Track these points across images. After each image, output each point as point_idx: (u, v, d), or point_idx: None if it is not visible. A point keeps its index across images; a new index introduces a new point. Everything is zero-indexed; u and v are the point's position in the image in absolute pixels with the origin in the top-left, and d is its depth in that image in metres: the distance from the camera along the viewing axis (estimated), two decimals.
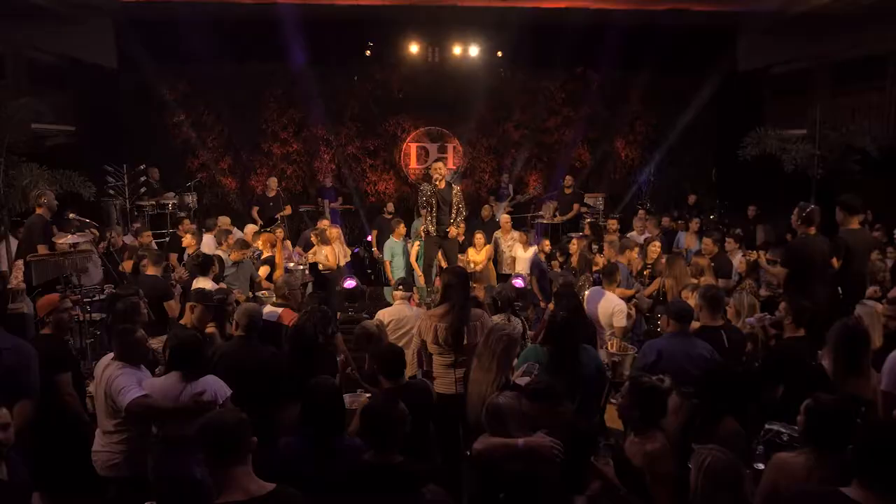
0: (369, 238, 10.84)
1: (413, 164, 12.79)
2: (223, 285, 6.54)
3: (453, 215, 7.77)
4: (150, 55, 10.99)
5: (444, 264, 8.19)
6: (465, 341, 4.40)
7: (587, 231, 9.20)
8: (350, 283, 6.82)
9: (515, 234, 9.65)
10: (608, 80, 12.44)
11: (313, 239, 8.44)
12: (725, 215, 10.71)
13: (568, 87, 12.55)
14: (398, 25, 11.73)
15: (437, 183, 7.63)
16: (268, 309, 5.18)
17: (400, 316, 5.61)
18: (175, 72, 11.94)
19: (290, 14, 10.69)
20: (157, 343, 5.77)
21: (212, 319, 4.90)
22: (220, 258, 6.69)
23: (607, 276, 6.13)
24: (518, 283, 6.92)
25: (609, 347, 5.47)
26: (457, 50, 11.90)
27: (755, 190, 10.39)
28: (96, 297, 5.88)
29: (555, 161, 12.71)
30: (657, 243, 7.65)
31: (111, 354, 3.99)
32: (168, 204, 10.17)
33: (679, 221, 10.15)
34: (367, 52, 12.01)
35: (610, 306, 5.80)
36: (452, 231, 7.81)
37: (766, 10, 10.78)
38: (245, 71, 12.01)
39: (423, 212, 7.73)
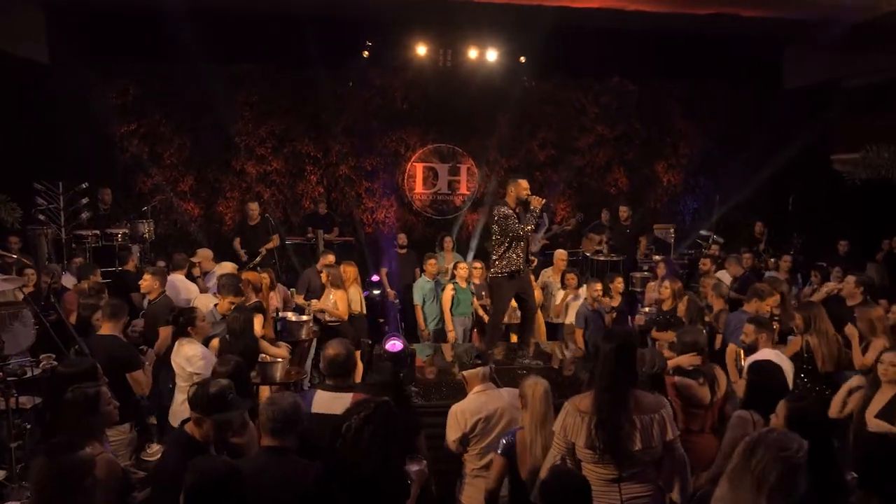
0: (375, 278, 9.24)
1: (419, 187, 11.41)
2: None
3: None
4: (91, 49, 9.60)
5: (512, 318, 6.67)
6: (638, 446, 3.07)
7: (661, 270, 7.85)
8: (395, 345, 5.17)
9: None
10: (647, 92, 11.50)
11: (324, 279, 6.86)
12: (801, 251, 9.53)
13: (602, 100, 11.47)
14: (403, 22, 10.42)
15: (514, 206, 6.08)
16: (324, 397, 3.49)
17: (489, 411, 3.95)
18: (123, 70, 10.44)
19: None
20: (117, 435, 4.18)
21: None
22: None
23: (766, 329, 4.88)
24: None
25: None
26: (472, 53, 10.67)
27: (833, 220, 9.33)
28: (28, 374, 4.05)
29: (587, 186, 11.56)
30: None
31: None
32: (117, 234, 8.33)
33: (756, 259, 8.90)
34: (365, 53, 10.63)
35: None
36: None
37: (829, 18, 10.01)
38: (213, 72, 10.33)
39: (500, 243, 6.10)
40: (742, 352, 5.71)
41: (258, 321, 5.64)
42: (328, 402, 3.60)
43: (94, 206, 8.52)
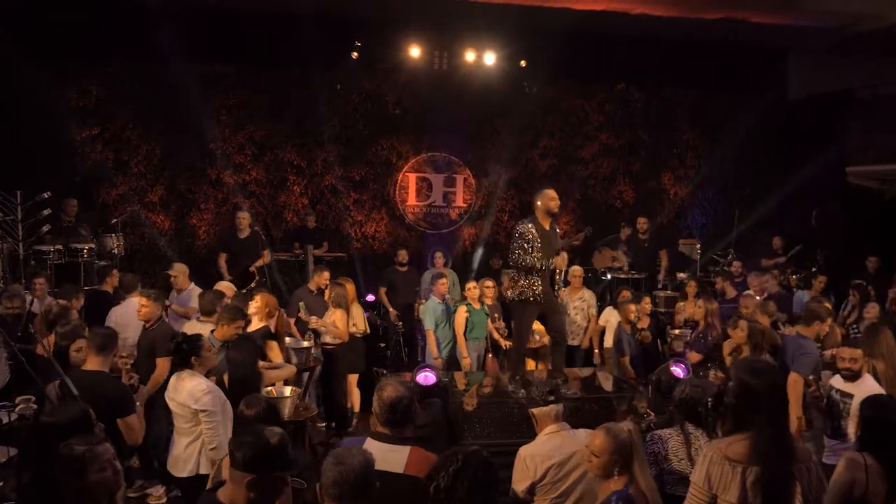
0: (370, 297, 8.70)
1: (412, 199, 10.97)
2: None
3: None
4: (49, 45, 9.00)
5: (542, 339, 6.20)
6: (800, 501, 2.74)
7: (692, 290, 7.50)
8: (428, 378, 4.63)
9: (587, 292, 7.88)
10: (655, 99, 11.31)
11: (327, 297, 6.60)
12: (823, 267, 9.30)
13: (607, 108, 11.20)
14: (395, 22, 10.03)
15: (543, 221, 5.65)
16: (375, 448, 2.90)
17: (563, 456, 3.49)
18: (86, 69, 9.87)
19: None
20: None
21: None
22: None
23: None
24: (678, 370, 4.96)
25: None
26: (470, 56, 10.32)
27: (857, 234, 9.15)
28: (4, 421, 3.39)
29: (590, 199, 11.27)
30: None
31: None
32: (83, 249, 7.62)
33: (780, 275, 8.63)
34: (354, 55, 10.18)
35: None
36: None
37: (840, 26, 9.97)
38: (186, 72, 9.74)
39: (525, 262, 5.68)
40: (805, 379, 5.35)
41: (273, 349, 5.08)
42: (381, 455, 3.02)
43: (55, 219, 7.77)
